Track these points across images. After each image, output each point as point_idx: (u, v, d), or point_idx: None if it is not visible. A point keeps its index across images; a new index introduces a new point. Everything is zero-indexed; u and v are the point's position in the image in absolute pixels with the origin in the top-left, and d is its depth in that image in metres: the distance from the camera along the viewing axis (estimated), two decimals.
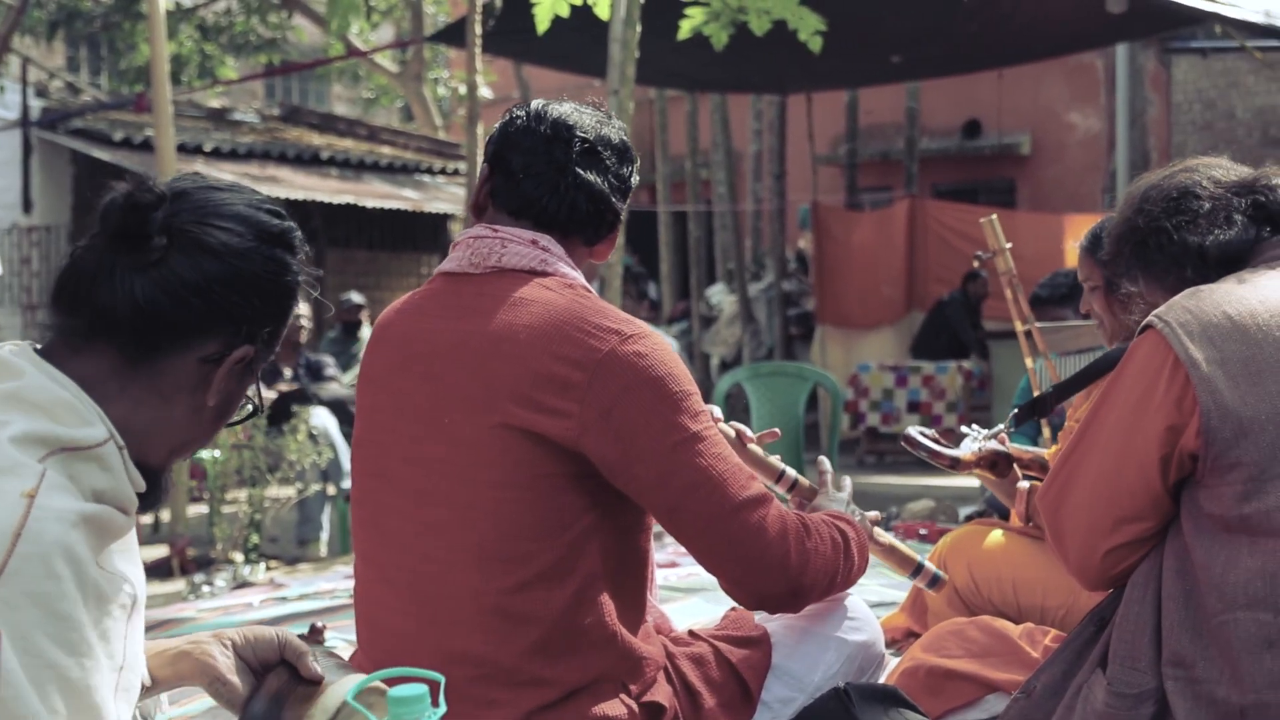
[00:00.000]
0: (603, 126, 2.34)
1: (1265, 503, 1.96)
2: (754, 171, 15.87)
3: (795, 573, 2.20)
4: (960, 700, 2.38)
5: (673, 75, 12.19)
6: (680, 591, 4.55)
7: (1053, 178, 15.62)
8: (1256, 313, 2.03)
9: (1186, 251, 2.20)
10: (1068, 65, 14.87)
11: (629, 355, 2.12)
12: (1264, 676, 1.95)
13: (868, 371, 11.91)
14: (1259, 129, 14.30)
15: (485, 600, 2.11)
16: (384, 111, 22.11)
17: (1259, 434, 1.97)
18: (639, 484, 2.13)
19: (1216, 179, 2.22)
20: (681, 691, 2.29)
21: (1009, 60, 12.75)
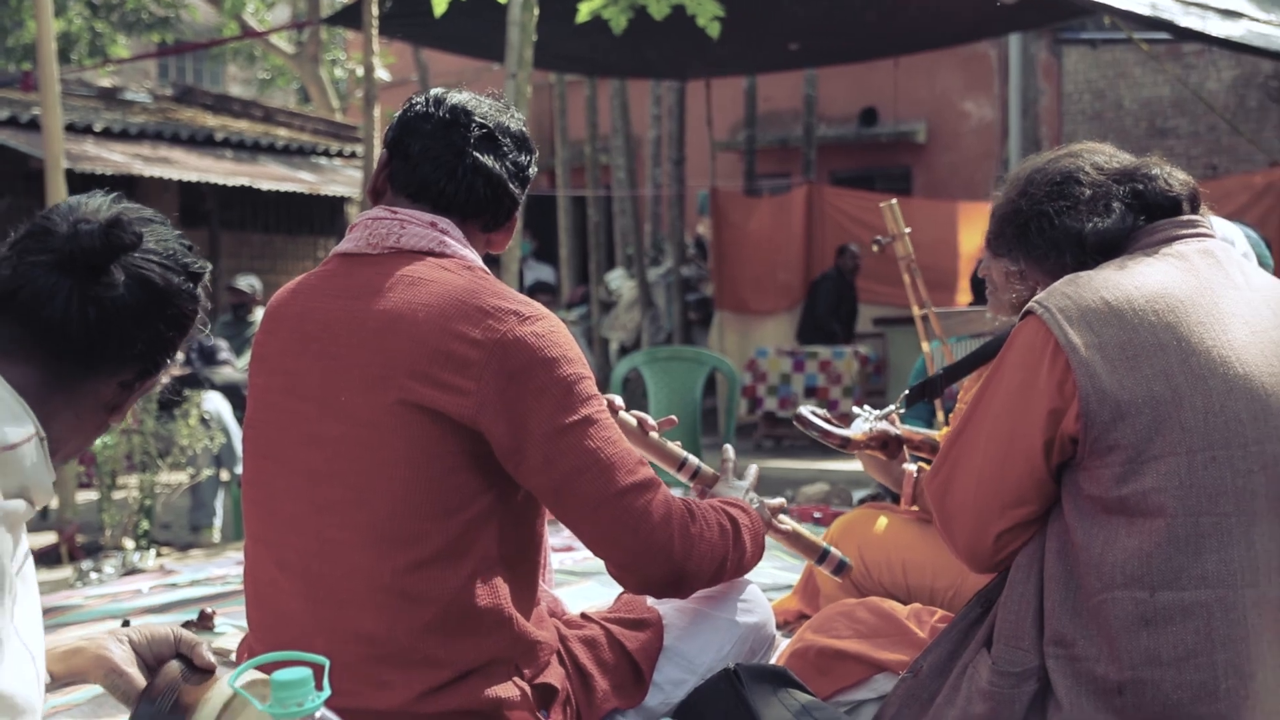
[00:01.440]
0: (501, 115, 2.36)
1: (1142, 484, 2.01)
2: (653, 157, 15.87)
3: (679, 558, 2.21)
4: (848, 680, 2.41)
5: (572, 60, 12.17)
6: (576, 575, 4.57)
7: (948, 165, 15.81)
8: (1133, 298, 2.08)
9: (1066, 237, 2.24)
10: (962, 55, 15.05)
11: (527, 336, 2.13)
12: (1140, 653, 2.00)
13: (765, 356, 11.99)
14: (1146, 119, 14.59)
15: (380, 579, 2.11)
16: (280, 93, 21.84)
17: (1135, 417, 2.01)
18: (528, 465, 2.13)
19: (1099, 165, 2.27)
20: (574, 674, 2.31)
21: (905, 49, 12.90)
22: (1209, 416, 2.02)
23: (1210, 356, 2.05)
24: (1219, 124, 13.21)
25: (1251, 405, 2.04)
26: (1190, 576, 1.99)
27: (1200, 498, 2.00)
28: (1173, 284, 2.11)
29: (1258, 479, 2.02)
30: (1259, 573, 2.00)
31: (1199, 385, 2.03)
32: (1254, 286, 2.18)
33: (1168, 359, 2.04)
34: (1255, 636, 1.99)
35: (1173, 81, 13.32)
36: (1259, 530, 2.01)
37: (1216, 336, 2.07)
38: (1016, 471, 2.12)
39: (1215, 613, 1.99)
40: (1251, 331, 2.10)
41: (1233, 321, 2.10)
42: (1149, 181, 2.24)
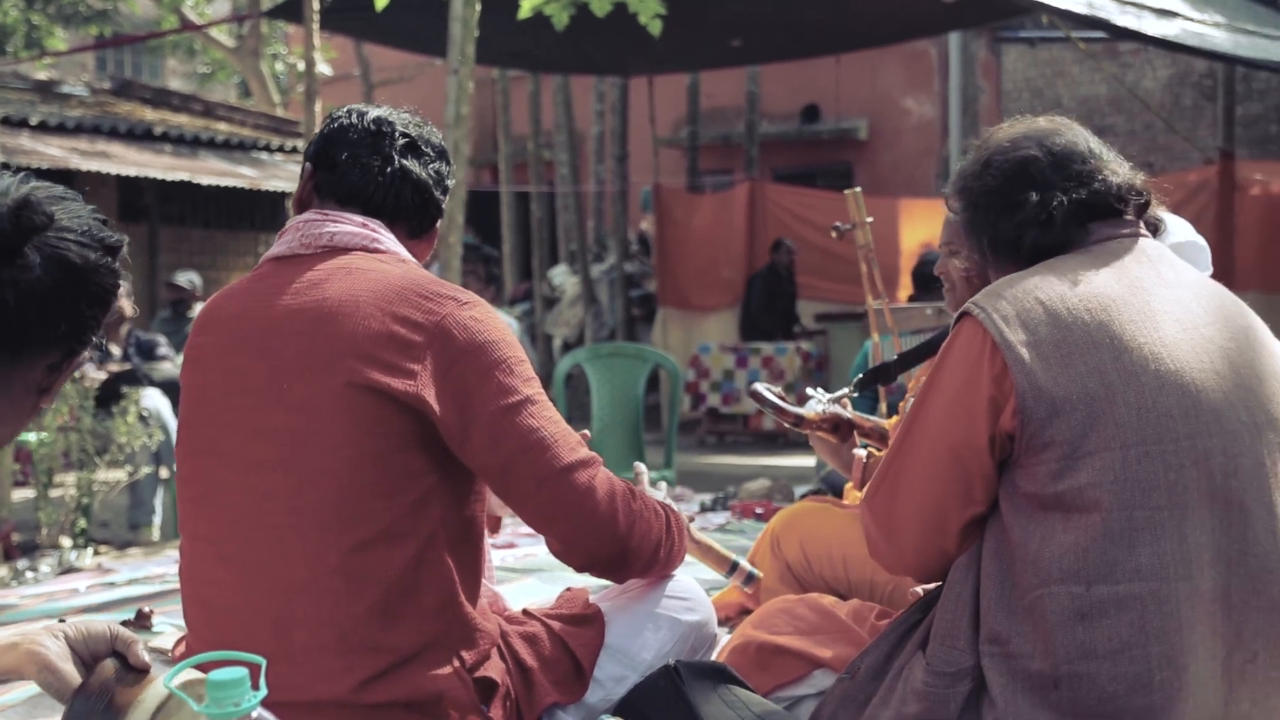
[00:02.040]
0: (422, 127, 2.45)
1: (1077, 479, 2.04)
2: (596, 153, 15.88)
3: (624, 534, 2.28)
4: (788, 676, 2.43)
5: (515, 55, 12.15)
6: (517, 572, 4.57)
7: (889, 162, 15.91)
8: (1066, 298, 2.11)
9: (1005, 238, 2.27)
10: (903, 52, 15.13)
11: (466, 320, 2.18)
12: (1076, 647, 2.02)
13: (708, 353, 12.03)
14: (1083, 117, 14.41)
15: (325, 561, 2.12)
16: (220, 87, 21.65)
17: (1070, 413, 2.04)
18: (473, 446, 2.17)
19: (1056, 156, 2.26)
20: (514, 669, 2.32)
21: (846, 46, 12.96)
22: (1142, 412, 2.05)
23: (1142, 353, 2.08)
24: (1155, 122, 13.36)
25: (1182, 400, 2.07)
26: (1124, 570, 2.02)
27: (1134, 492, 2.03)
28: (1105, 283, 2.14)
29: (1189, 473, 2.04)
30: (1191, 565, 2.03)
31: (1132, 381, 2.06)
32: (1184, 283, 2.21)
33: (1101, 356, 2.06)
34: (1188, 628, 2.02)
35: (1110, 80, 13.46)
36: (1191, 523, 2.04)
37: (1148, 334, 2.10)
38: (965, 472, 2.14)
39: (1149, 606, 2.01)
40: (1182, 328, 2.13)
41: (1164, 319, 2.13)
42: (1097, 188, 2.24)
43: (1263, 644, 2.08)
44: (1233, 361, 2.14)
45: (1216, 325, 2.17)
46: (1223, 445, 2.07)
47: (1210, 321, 2.17)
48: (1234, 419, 2.09)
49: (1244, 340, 2.19)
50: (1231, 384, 2.11)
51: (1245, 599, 2.06)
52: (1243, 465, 2.08)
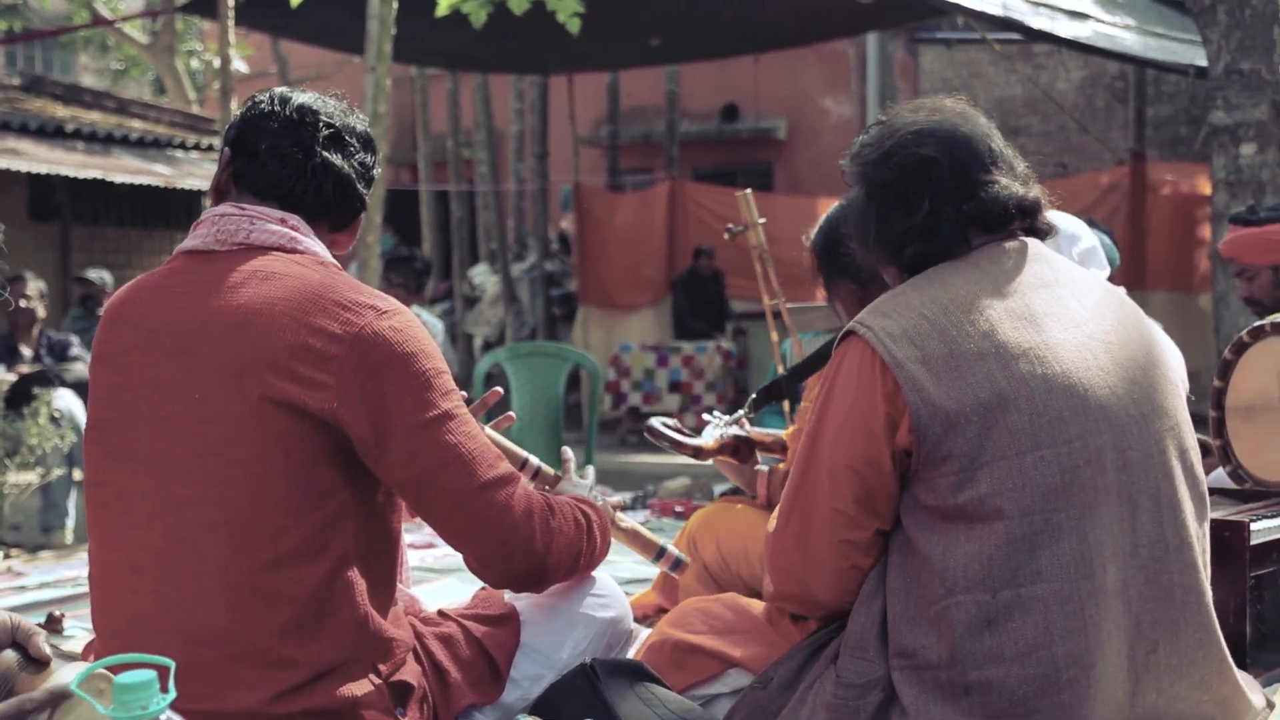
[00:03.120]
0: (347, 116, 2.37)
1: (978, 490, 2.06)
2: (516, 151, 15.82)
3: (541, 551, 2.24)
4: (703, 674, 2.43)
5: (433, 53, 12.10)
6: (435, 572, 4.55)
7: (808, 162, 15.99)
8: (950, 310, 2.13)
9: (891, 237, 2.28)
10: (821, 52, 15.22)
11: (385, 331, 2.12)
12: (984, 654, 2.05)
13: (629, 352, 12.03)
14: (999, 118, 14.73)
15: (236, 577, 2.08)
16: (134, 84, 21.34)
17: (965, 426, 2.06)
18: (389, 460, 2.12)
19: (956, 161, 2.26)
20: (430, 671, 2.30)
21: (765, 46, 13.03)
22: (1034, 417, 2.07)
23: (1029, 358, 2.10)
24: (1069, 123, 13.55)
25: (1072, 401, 2.10)
26: (1027, 574, 2.04)
27: (1033, 497, 2.05)
28: (986, 292, 2.16)
29: (1084, 473, 2.08)
30: (1092, 563, 2.06)
31: (1021, 388, 2.08)
32: (1063, 281, 2.24)
33: (990, 366, 2.08)
34: (1093, 627, 2.06)
35: (1024, 81, 13.64)
36: (1089, 522, 2.07)
37: (1032, 338, 2.12)
38: (869, 488, 2.15)
39: (1053, 607, 2.04)
40: (1064, 328, 2.16)
41: (1046, 320, 2.16)
42: (990, 200, 2.24)
43: (1161, 634, 2.12)
44: (1116, 355, 2.18)
45: (1098, 320, 2.21)
46: (1113, 441, 2.11)
47: (1091, 317, 2.20)
48: (1122, 413, 2.13)
49: (1126, 332, 2.23)
50: (1117, 379, 2.15)
51: (1141, 591, 2.11)
52: (1131, 459, 2.12)
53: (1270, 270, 4.16)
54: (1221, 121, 6.81)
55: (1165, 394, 2.22)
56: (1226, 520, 2.85)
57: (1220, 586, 2.74)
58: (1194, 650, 2.16)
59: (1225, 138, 6.81)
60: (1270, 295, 4.17)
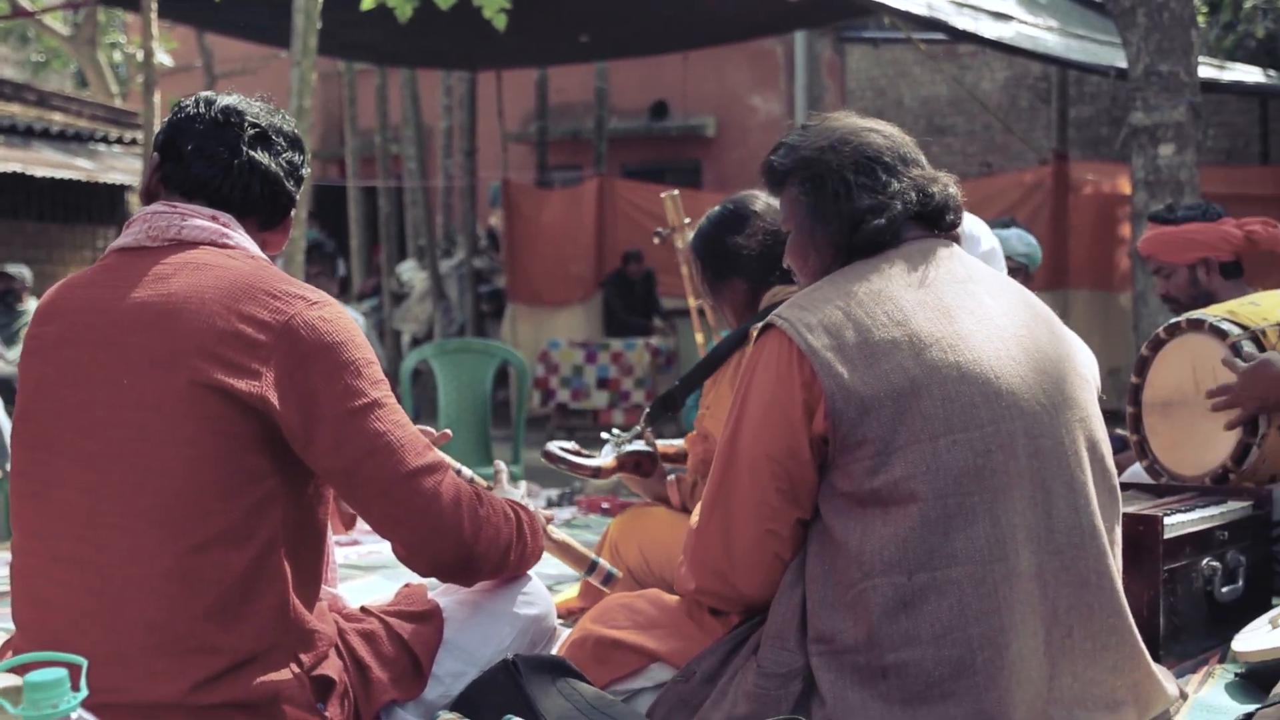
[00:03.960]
0: (273, 116, 2.41)
1: (892, 474, 2.11)
2: (445, 148, 15.77)
3: (469, 539, 2.27)
4: (625, 669, 2.44)
5: (360, 48, 12.02)
6: (361, 569, 4.53)
7: (736, 160, 16.05)
8: (863, 302, 2.20)
9: (850, 218, 2.32)
10: (750, 50, 15.29)
11: (314, 320, 2.16)
12: (900, 636, 2.09)
13: (558, 348, 12.04)
14: (924, 117, 15.04)
15: (162, 562, 2.09)
16: (56, 76, 21.04)
17: (879, 410, 2.12)
18: (318, 447, 2.15)
19: (900, 157, 2.35)
20: (352, 667, 2.30)
21: (694, 44, 13.06)
22: (946, 403, 2.13)
23: (941, 347, 2.17)
24: (993, 123, 13.69)
25: (984, 388, 2.16)
26: (942, 556, 2.09)
27: (946, 480, 2.11)
28: (900, 286, 2.23)
29: (996, 457, 2.13)
30: (1006, 546, 2.11)
31: (934, 375, 2.14)
32: (976, 279, 2.31)
33: (903, 354, 2.15)
34: (1007, 609, 2.10)
35: (949, 81, 13.76)
36: (1003, 506, 2.13)
37: (944, 329, 2.19)
38: (789, 476, 2.20)
39: (967, 589, 2.09)
40: (977, 320, 2.22)
41: (959, 313, 2.22)
42: (926, 196, 2.33)
43: (1076, 619, 2.17)
44: (1027, 348, 2.24)
45: (1009, 316, 2.27)
46: (1024, 428, 2.17)
47: (1003, 313, 2.27)
48: (1033, 402, 2.19)
49: (1035, 327, 2.30)
50: (1027, 369, 2.22)
51: (1056, 575, 2.16)
52: (1044, 446, 2.18)
53: (1187, 269, 4.23)
54: (1141, 122, 6.91)
55: (1076, 387, 2.28)
56: (1141, 514, 2.90)
57: (1134, 580, 2.80)
58: (1107, 635, 2.21)
59: (1144, 138, 6.90)
60: (1187, 293, 4.23)
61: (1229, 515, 3.11)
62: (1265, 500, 3.23)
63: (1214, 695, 2.72)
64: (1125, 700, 2.24)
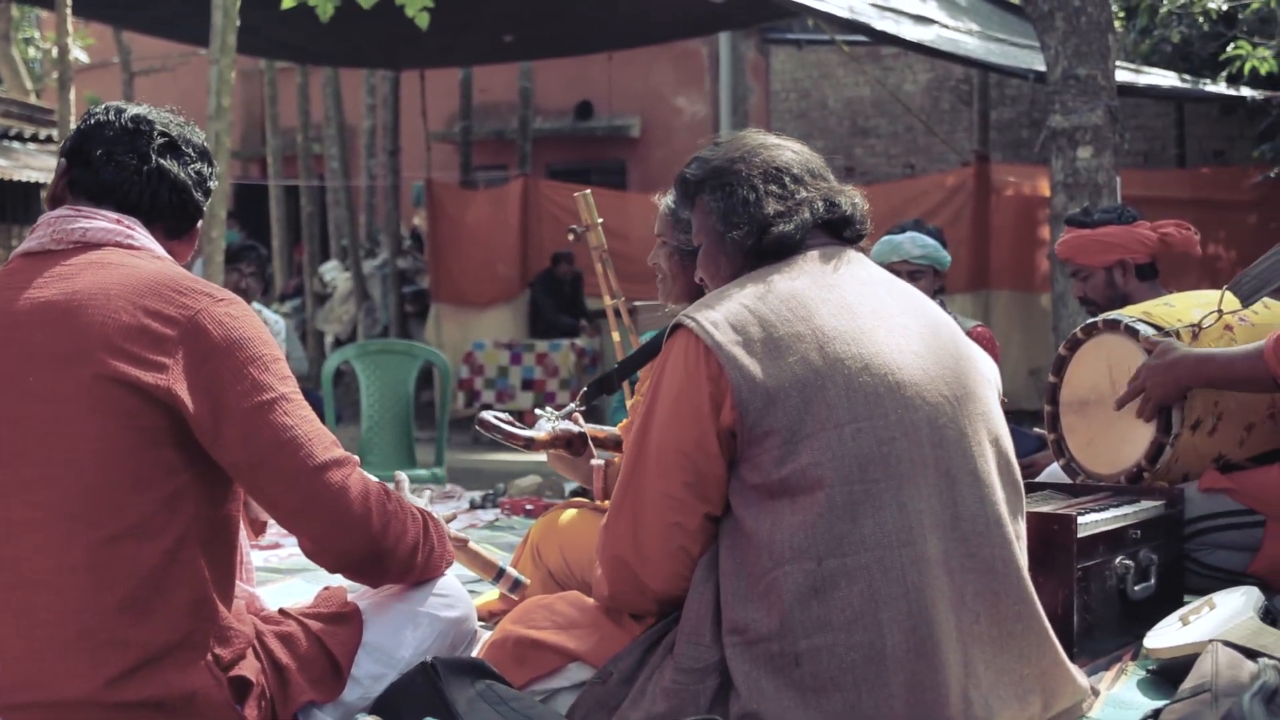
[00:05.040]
0: (183, 127, 2.44)
1: (799, 462, 2.16)
2: (368, 147, 15.66)
3: (377, 534, 2.28)
4: (544, 669, 2.45)
5: (281, 46, 11.90)
6: (280, 572, 4.49)
7: (661, 160, 16.03)
8: (768, 300, 2.26)
9: (758, 222, 2.39)
10: (674, 51, 15.31)
11: (221, 316, 2.19)
12: (813, 622, 2.13)
13: (482, 349, 12.00)
14: (848, 119, 15.13)
15: (72, 556, 2.09)
16: None
17: (785, 400, 2.17)
18: (225, 441, 2.16)
19: (809, 169, 2.44)
20: (269, 668, 2.30)
21: (619, 44, 13.07)
22: (850, 392, 2.19)
23: (844, 339, 2.23)
24: (916, 124, 13.80)
25: (886, 379, 2.22)
26: (851, 542, 2.14)
27: (852, 466, 2.16)
28: (802, 285, 2.30)
29: (900, 445, 2.19)
30: (913, 532, 2.16)
31: (838, 366, 2.20)
32: (878, 281, 2.40)
33: (806, 346, 2.21)
34: (916, 593, 2.15)
35: (872, 83, 13.86)
36: (908, 492, 2.18)
37: (847, 323, 2.26)
38: (698, 471, 2.25)
39: (876, 574, 2.14)
40: (878, 317, 2.30)
41: (860, 309, 2.29)
42: (832, 206, 2.42)
43: (983, 605, 2.22)
44: (928, 343, 2.31)
45: (910, 314, 2.35)
46: (928, 417, 2.23)
47: (904, 311, 2.35)
48: (936, 393, 2.25)
49: (935, 326, 2.38)
50: (929, 362, 2.28)
51: (962, 562, 2.21)
52: (948, 435, 2.24)
53: (1104, 271, 4.28)
54: (1059, 125, 6.99)
55: (977, 382, 2.35)
56: (1056, 514, 2.94)
57: (1049, 578, 2.83)
58: (1013, 622, 2.26)
59: (1063, 141, 6.98)
60: (1104, 295, 4.28)
61: (1142, 514, 3.16)
62: (1177, 499, 3.28)
63: (1126, 691, 2.76)
64: (1033, 689, 2.29)
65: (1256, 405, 3.45)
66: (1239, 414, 3.44)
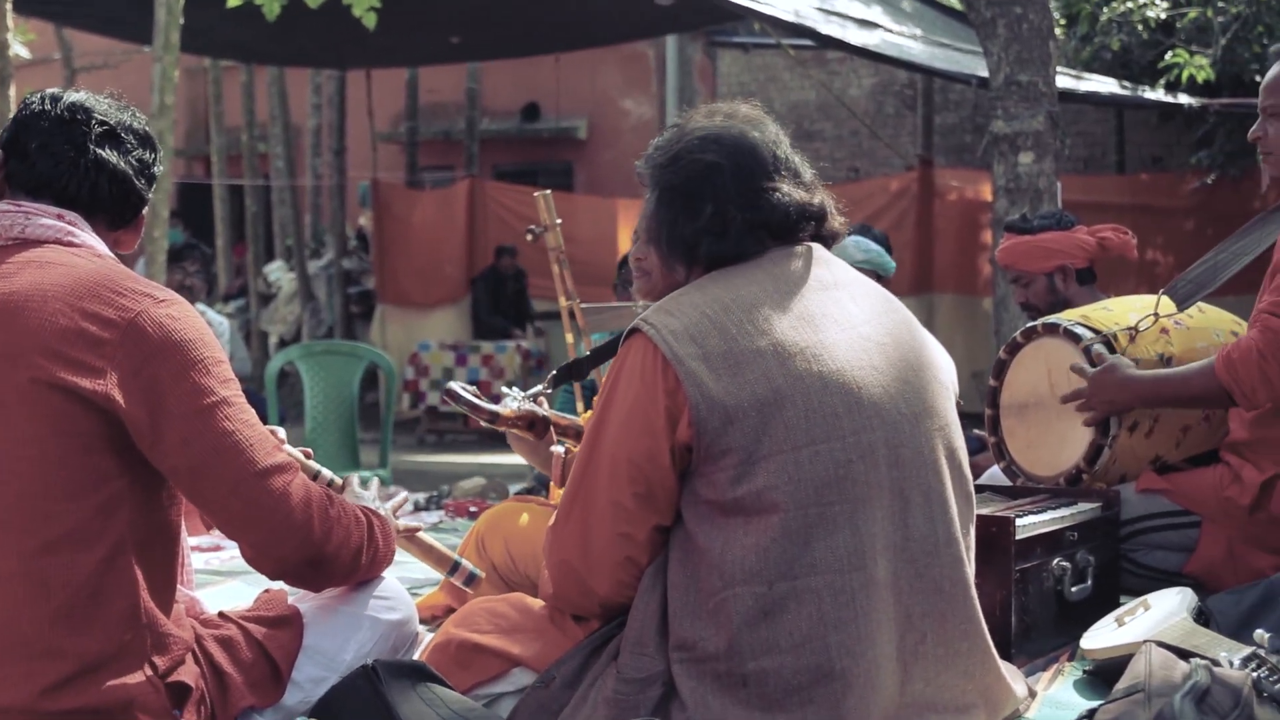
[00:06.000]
0: (123, 113, 2.39)
1: (755, 483, 2.13)
2: (313, 147, 15.59)
3: (318, 540, 2.25)
4: (487, 674, 2.43)
5: (226, 45, 11.83)
6: (220, 575, 4.46)
7: (608, 162, 16.06)
8: (731, 310, 2.20)
9: (682, 239, 2.34)
10: (622, 53, 15.32)
11: (161, 318, 2.14)
12: (761, 644, 2.11)
13: (428, 350, 11.97)
14: (794, 122, 15.01)
15: (6, 565, 2.07)
16: None
17: (743, 420, 2.13)
18: (164, 446, 2.13)
19: (740, 169, 2.32)
20: (209, 673, 2.28)
21: (566, 46, 13.05)
22: (809, 413, 2.15)
23: (805, 356, 2.18)
24: (861, 129, 13.87)
25: (846, 399, 2.18)
26: (802, 565, 2.12)
27: (808, 490, 2.13)
28: (766, 293, 2.24)
29: (857, 467, 2.16)
30: (865, 555, 2.14)
31: (798, 385, 2.16)
32: (841, 285, 2.33)
33: (767, 363, 2.16)
34: (864, 617, 2.13)
35: (818, 87, 13.92)
36: (863, 515, 2.15)
37: (808, 337, 2.21)
38: (648, 482, 2.21)
39: (826, 598, 2.12)
40: (840, 329, 2.25)
41: (823, 321, 2.24)
42: (771, 209, 2.31)
43: (930, 625, 2.21)
44: (889, 356, 2.27)
45: (873, 323, 2.29)
46: (885, 438, 2.19)
47: (867, 320, 2.29)
48: (894, 411, 2.22)
49: (899, 335, 2.32)
50: (890, 378, 2.24)
51: (911, 583, 2.19)
52: (903, 455, 2.21)
53: (1045, 277, 4.31)
54: (1001, 130, 7.05)
55: (936, 395, 2.31)
56: (994, 516, 2.96)
57: (987, 580, 2.86)
58: (959, 641, 2.25)
59: (1005, 146, 7.05)
60: (1046, 300, 4.32)
61: (1079, 516, 3.20)
62: (1114, 501, 3.32)
63: (1062, 692, 2.79)
64: (975, 703, 2.29)
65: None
66: (1175, 417, 3.48)
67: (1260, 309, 3.11)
